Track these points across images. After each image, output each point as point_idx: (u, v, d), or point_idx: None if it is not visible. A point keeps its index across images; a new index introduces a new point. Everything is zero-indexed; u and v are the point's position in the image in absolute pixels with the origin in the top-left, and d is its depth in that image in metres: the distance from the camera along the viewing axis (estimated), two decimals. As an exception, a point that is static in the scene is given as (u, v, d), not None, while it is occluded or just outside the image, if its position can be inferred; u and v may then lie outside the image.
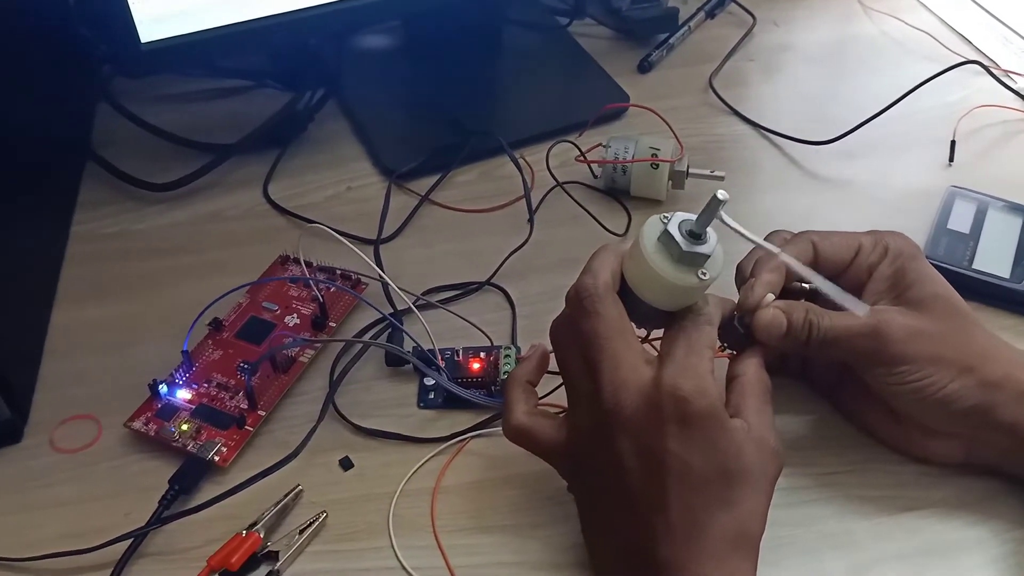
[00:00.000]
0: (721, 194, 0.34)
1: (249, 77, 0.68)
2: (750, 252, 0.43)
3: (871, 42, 0.74)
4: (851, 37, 0.75)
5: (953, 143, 0.62)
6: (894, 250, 0.42)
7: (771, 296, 0.40)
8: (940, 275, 0.42)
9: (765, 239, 0.43)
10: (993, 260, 0.52)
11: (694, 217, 0.36)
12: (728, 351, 0.41)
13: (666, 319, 0.38)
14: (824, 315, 0.40)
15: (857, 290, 0.42)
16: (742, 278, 0.43)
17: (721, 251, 0.36)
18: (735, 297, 0.42)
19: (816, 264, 0.42)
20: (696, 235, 0.35)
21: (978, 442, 0.41)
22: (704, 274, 0.35)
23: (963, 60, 0.68)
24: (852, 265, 0.43)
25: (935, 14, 0.76)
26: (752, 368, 0.39)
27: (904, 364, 0.39)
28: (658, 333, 0.39)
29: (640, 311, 0.38)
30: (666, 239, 0.36)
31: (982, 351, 0.40)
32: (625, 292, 0.38)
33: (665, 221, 0.36)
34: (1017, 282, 0.51)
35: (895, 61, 0.71)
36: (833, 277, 0.41)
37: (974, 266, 0.52)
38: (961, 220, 0.55)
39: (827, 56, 0.73)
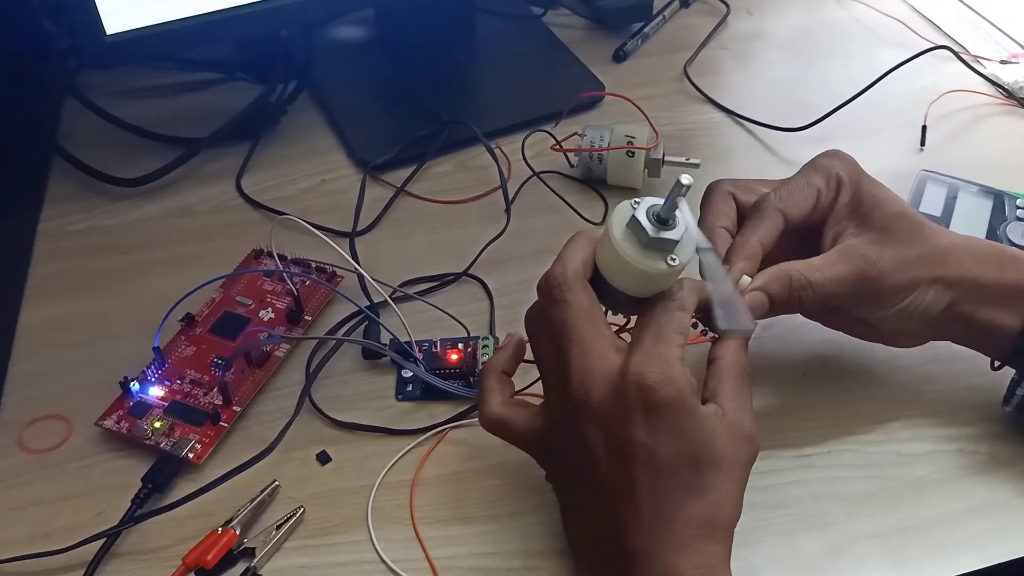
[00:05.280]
0: (685, 179, 0.34)
1: (220, 69, 0.67)
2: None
3: (843, 29, 0.74)
4: (823, 24, 0.75)
5: (924, 128, 0.63)
6: (844, 179, 0.43)
7: (747, 279, 0.40)
8: (889, 189, 0.44)
9: (715, 185, 0.45)
10: (965, 243, 0.53)
11: (663, 202, 0.35)
12: (710, 335, 0.41)
13: (640, 305, 0.37)
14: (809, 273, 0.41)
15: (821, 225, 0.43)
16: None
17: (693, 236, 0.36)
18: None
19: (787, 228, 0.43)
20: (665, 220, 0.35)
21: (940, 332, 0.44)
22: (674, 260, 0.35)
23: (933, 46, 0.68)
24: (815, 211, 0.43)
25: (905, 0, 0.76)
26: (731, 351, 0.38)
27: (889, 294, 0.41)
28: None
29: (613, 298, 0.38)
30: (634, 225, 0.35)
31: (943, 255, 0.42)
32: (598, 279, 0.38)
33: (634, 206, 0.36)
34: (988, 264, 0.52)
35: (866, 47, 0.72)
36: (800, 227, 0.43)
37: (946, 249, 0.52)
38: (933, 203, 0.55)
39: (800, 43, 0.74)
